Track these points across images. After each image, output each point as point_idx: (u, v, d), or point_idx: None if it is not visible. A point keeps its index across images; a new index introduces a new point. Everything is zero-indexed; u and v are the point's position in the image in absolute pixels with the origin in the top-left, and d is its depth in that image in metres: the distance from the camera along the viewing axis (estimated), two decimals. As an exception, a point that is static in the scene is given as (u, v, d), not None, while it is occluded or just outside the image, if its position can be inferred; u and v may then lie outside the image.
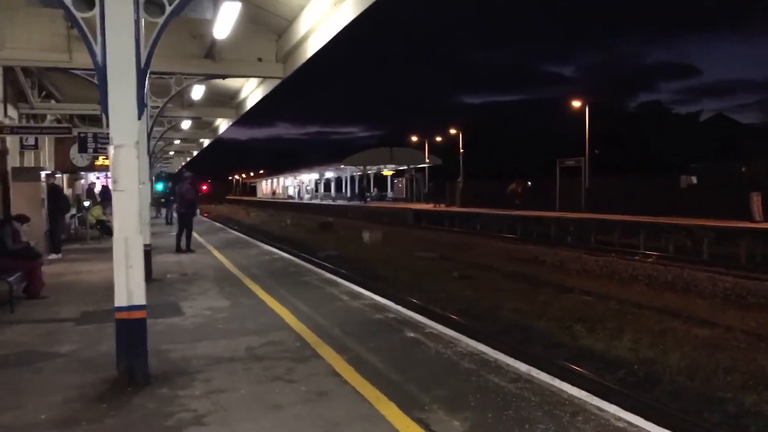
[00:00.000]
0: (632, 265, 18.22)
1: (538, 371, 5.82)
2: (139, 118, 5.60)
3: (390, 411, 4.87)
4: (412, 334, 7.31)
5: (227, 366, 6.18)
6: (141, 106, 5.55)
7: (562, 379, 5.79)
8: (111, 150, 5.51)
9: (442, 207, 41.42)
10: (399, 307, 9.01)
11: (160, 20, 5.62)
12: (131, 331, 5.55)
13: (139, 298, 5.54)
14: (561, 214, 29.51)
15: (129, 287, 5.51)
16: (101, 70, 5.45)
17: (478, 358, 6.27)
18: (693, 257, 19.79)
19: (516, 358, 6.41)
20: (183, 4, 5.64)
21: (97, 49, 5.45)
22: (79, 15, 5.41)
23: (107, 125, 5.65)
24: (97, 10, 5.39)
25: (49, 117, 21.76)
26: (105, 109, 5.48)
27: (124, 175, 5.52)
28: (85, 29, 5.47)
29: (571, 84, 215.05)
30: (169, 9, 5.60)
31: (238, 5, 8.72)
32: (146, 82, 5.85)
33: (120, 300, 5.51)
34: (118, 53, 5.44)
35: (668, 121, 68.72)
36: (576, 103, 35.61)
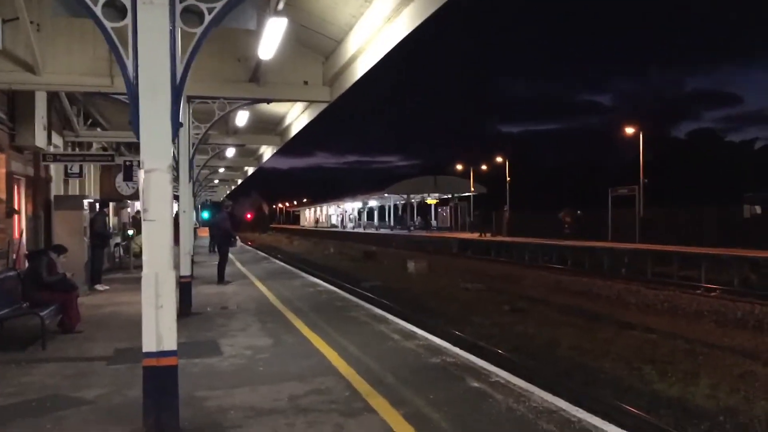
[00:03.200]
0: (696, 300, 17.15)
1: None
2: (173, 140, 5.00)
3: (460, 487, 4.07)
4: (476, 384, 6.46)
5: (267, 420, 5.44)
6: (175, 126, 4.95)
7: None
8: (141, 175, 4.91)
9: (488, 236, 40.43)
10: (457, 350, 8.17)
11: (198, 30, 5.02)
12: (160, 380, 4.88)
13: (170, 343, 4.88)
14: (614, 244, 28.34)
15: (158, 330, 4.85)
16: (132, 87, 4.87)
17: (558, 416, 5.39)
18: (761, 292, 18.47)
19: (600, 416, 5.54)
20: (224, 12, 5.03)
21: (129, 63, 4.87)
22: (109, 25, 4.85)
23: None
24: (129, 19, 4.83)
25: (95, 145, 21.72)
26: (136, 130, 4.90)
27: (156, 203, 4.90)
28: (116, 41, 4.91)
29: (608, 113, 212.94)
30: (208, 18, 5.01)
31: (285, 21, 8.19)
32: (182, 100, 5.28)
33: (148, 345, 4.86)
34: (151, 67, 4.85)
35: (720, 150, 66.79)
36: (629, 130, 34.33)
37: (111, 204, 24.39)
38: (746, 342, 12.22)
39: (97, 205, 16.49)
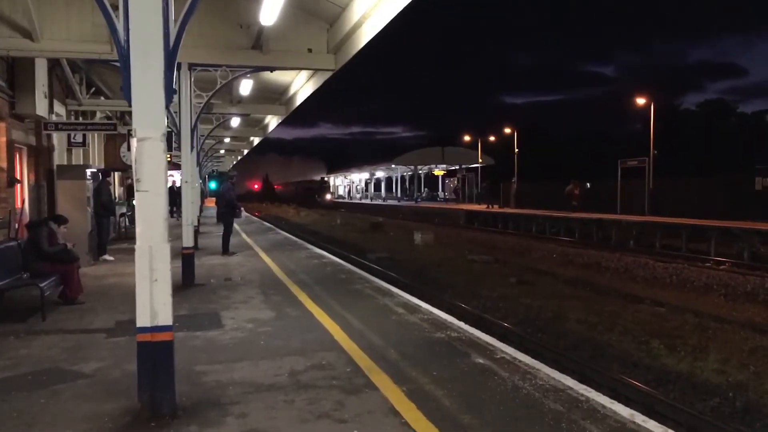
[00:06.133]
0: (705, 273, 16.89)
1: (645, 418, 4.74)
2: (167, 107, 4.78)
3: (463, 469, 3.92)
4: (480, 360, 6.30)
5: (267, 396, 5.31)
6: (169, 93, 4.74)
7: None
8: (134, 144, 4.71)
9: (496, 208, 40.17)
10: (462, 324, 8.01)
11: (193, -9, 4.78)
12: (155, 356, 4.74)
13: (165, 318, 4.73)
14: (623, 216, 28.05)
15: (153, 305, 4.71)
16: (123, 51, 4.65)
17: (565, 395, 5.23)
18: (772, 265, 18.24)
19: (609, 395, 5.38)
20: (219, -27, 4.80)
21: (120, 26, 4.65)
22: (98, -15, 4.62)
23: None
24: (119, -21, 4.60)
25: (98, 114, 21.49)
26: (128, 96, 4.69)
27: (149, 174, 4.71)
28: (106, 3, 4.68)
29: (612, 84, 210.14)
30: (203, -22, 4.77)
31: (286, -15, 7.91)
32: (183, 67, 5.05)
33: (142, 319, 4.72)
34: (143, 30, 4.62)
35: (732, 121, 65.86)
36: (639, 101, 33.81)
37: (116, 174, 24.28)
38: (756, 316, 11.98)
39: (100, 174, 16.27)
